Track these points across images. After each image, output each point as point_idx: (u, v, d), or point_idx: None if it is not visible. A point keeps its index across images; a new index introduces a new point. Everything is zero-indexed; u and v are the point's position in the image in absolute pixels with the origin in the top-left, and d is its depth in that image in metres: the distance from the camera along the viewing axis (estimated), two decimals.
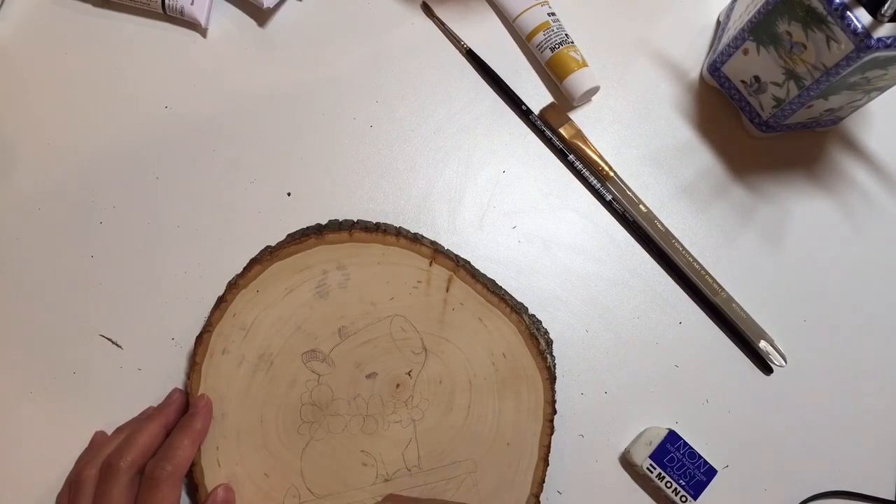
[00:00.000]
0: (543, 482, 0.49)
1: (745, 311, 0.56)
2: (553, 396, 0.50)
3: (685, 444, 0.51)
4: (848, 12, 0.46)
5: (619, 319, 0.55)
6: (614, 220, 0.57)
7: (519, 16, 0.59)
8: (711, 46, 0.61)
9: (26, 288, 0.52)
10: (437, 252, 0.51)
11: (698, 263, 0.56)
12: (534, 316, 0.53)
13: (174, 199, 0.54)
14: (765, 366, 0.55)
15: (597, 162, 0.58)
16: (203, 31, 0.58)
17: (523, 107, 0.58)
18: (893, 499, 0.54)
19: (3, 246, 0.53)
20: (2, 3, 0.57)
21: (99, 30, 0.57)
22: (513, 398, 0.50)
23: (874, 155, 0.61)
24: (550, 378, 0.50)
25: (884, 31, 0.45)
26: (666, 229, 0.57)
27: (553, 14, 0.59)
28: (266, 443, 0.48)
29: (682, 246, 0.57)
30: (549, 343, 0.53)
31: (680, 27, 0.62)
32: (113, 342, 0.51)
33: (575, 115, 0.59)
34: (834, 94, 0.53)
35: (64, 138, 0.55)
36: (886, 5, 0.44)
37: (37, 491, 0.49)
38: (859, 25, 0.46)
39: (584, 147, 0.58)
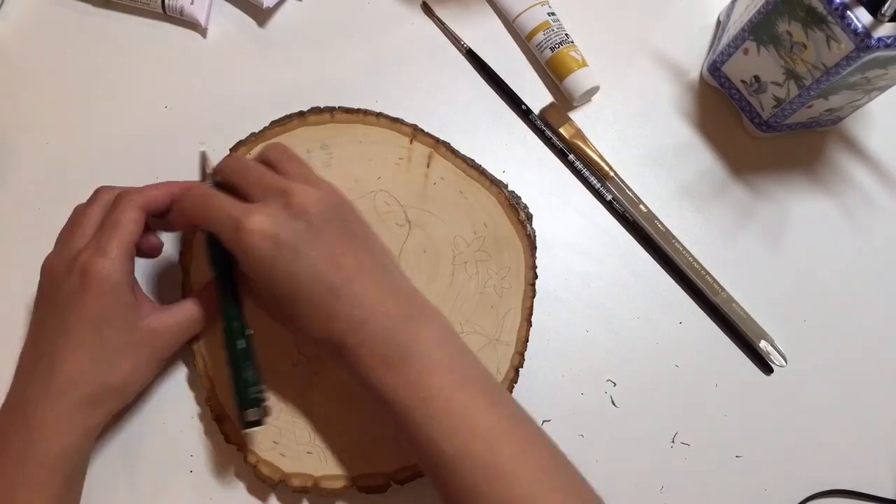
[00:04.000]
0: (527, 341, 0.51)
1: (745, 311, 0.56)
2: (534, 262, 0.53)
3: None
4: (848, 12, 0.46)
5: (619, 319, 0.55)
6: (614, 220, 0.57)
7: (519, 16, 0.59)
8: (711, 46, 0.61)
9: (26, 288, 0.52)
10: (417, 131, 0.54)
11: (698, 263, 0.56)
12: (513, 192, 0.54)
13: None
14: (765, 366, 0.55)
15: (597, 162, 0.58)
16: (203, 31, 0.58)
17: (523, 107, 0.58)
18: (894, 498, 0.54)
19: (3, 246, 0.53)
20: (2, 3, 0.57)
21: (99, 30, 0.57)
22: (495, 264, 0.52)
23: (874, 155, 0.61)
24: (531, 245, 0.53)
25: (884, 30, 0.45)
26: (666, 229, 0.57)
27: (553, 14, 0.59)
28: (258, 311, 0.48)
29: (683, 246, 0.57)
30: (529, 217, 0.54)
31: (680, 27, 0.62)
32: None
33: (575, 115, 0.59)
34: (834, 93, 0.53)
35: (64, 138, 0.55)
36: (886, 5, 0.44)
37: None
38: (859, 25, 0.46)
39: (584, 147, 0.58)
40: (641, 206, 0.57)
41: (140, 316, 0.44)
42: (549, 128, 0.58)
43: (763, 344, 0.55)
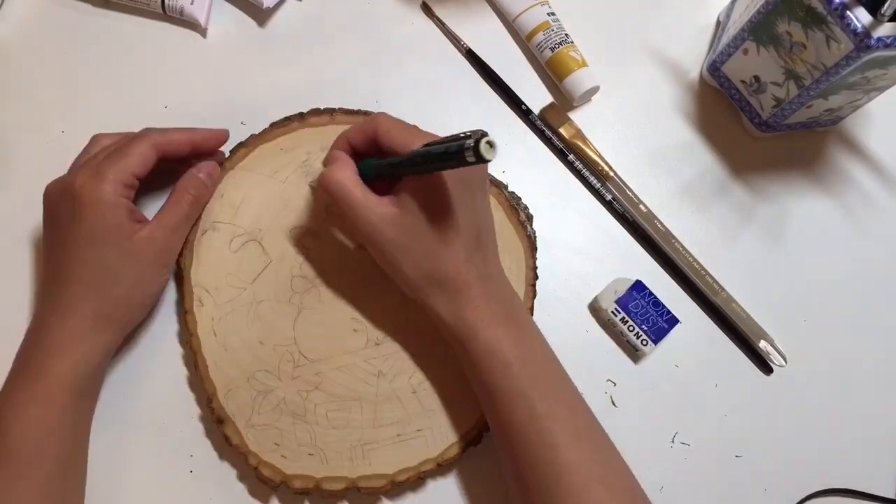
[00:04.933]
0: None
1: (745, 311, 0.56)
2: (535, 263, 0.53)
3: (650, 293, 0.53)
4: (848, 12, 0.46)
5: None
6: (614, 221, 0.57)
7: (519, 16, 0.59)
8: (711, 46, 0.61)
9: (26, 288, 0.52)
10: None
11: (698, 263, 0.56)
12: (513, 193, 0.54)
13: None
14: (765, 365, 0.55)
15: (597, 162, 0.58)
16: (203, 31, 0.58)
17: (523, 106, 0.58)
18: (894, 497, 0.54)
19: (3, 246, 0.52)
20: (2, 3, 0.57)
21: (99, 30, 0.57)
22: None
23: (874, 155, 0.61)
24: (531, 246, 0.53)
25: (883, 30, 0.46)
26: (666, 229, 0.57)
27: (553, 14, 0.59)
28: (259, 314, 0.50)
29: (682, 246, 0.57)
30: (530, 217, 0.54)
31: (680, 27, 0.62)
32: None
33: (575, 115, 0.59)
34: (834, 93, 0.53)
35: (64, 138, 0.55)
36: (886, 5, 0.45)
37: None
38: (859, 25, 0.46)
39: (584, 147, 0.58)
40: (641, 206, 0.57)
41: (134, 230, 0.46)
42: (549, 128, 0.58)
43: (763, 344, 0.55)
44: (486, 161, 0.38)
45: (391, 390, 0.49)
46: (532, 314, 0.52)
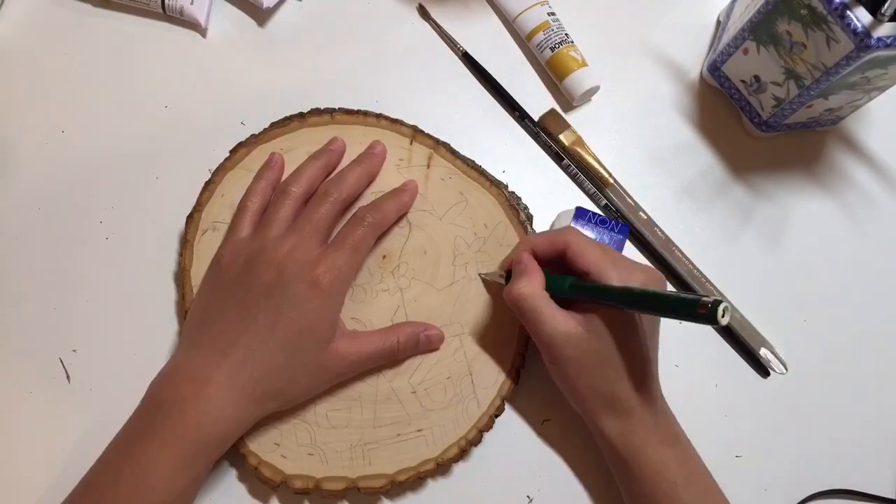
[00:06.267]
0: (528, 342, 0.51)
1: (745, 319, 0.56)
2: None
3: (593, 213, 0.52)
4: (848, 12, 0.46)
5: None
6: None
7: (519, 15, 0.59)
8: (711, 46, 0.61)
9: (26, 287, 0.52)
10: (418, 132, 0.54)
11: (698, 270, 0.56)
12: (514, 192, 0.54)
13: (174, 199, 0.54)
14: (764, 369, 0.55)
15: (596, 169, 0.57)
16: (203, 31, 0.58)
17: (518, 112, 0.58)
18: (894, 497, 0.54)
19: (3, 246, 0.53)
20: (2, 3, 0.57)
21: (99, 30, 0.57)
22: (494, 266, 0.52)
23: (874, 155, 0.61)
24: None
25: (884, 30, 0.46)
26: (666, 236, 0.57)
27: (553, 14, 0.59)
28: None
29: (683, 253, 0.56)
30: (530, 217, 0.54)
31: (680, 27, 0.62)
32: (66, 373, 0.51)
33: (575, 115, 0.59)
34: (834, 93, 0.53)
35: (64, 138, 0.55)
36: (886, 5, 0.45)
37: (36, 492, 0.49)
38: (859, 25, 0.46)
39: (583, 154, 0.58)
40: (641, 213, 0.57)
41: (335, 337, 0.46)
42: (548, 135, 0.58)
43: (763, 351, 0.55)
44: (717, 325, 0.38)
45: (391, 390, 0.49)
46: None
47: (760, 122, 0.58)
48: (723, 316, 0.37)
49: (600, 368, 0.46)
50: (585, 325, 0.45)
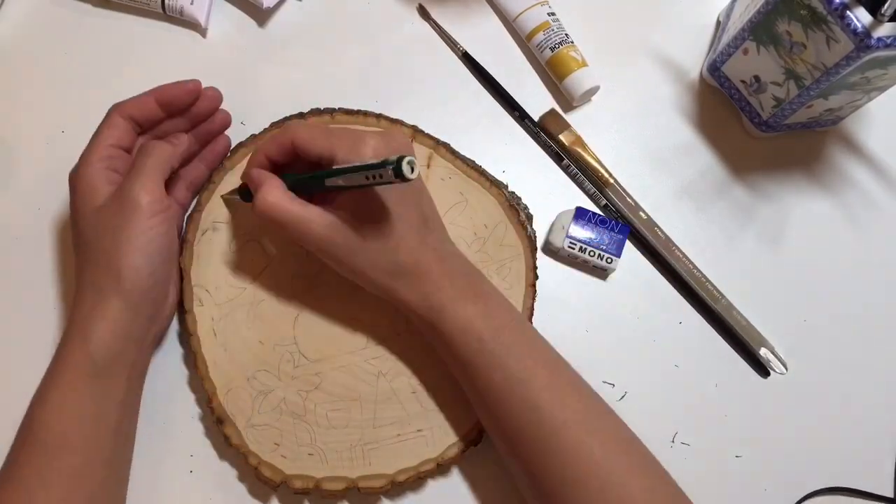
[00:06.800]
0: None
1: (745, 319, 0.56)
2: (535, 263, 0.53)
3: (592, 213, 0.53)
4: (848, 12, 0.46)
5: (619, 320, 0.55)
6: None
7: (519, 16, 0.59)
8: (711, 46, 0.61)
9: (26, 287, 0.52)
10: (418, 132, 0.54)
11: (699, 270, 0.56)
12: (514, 193, 0.54)
13: None
14: (764, 370, 0.55)
15: (596, 169, 0.57)
16: (203, 31, 0.58)
17: (518, 112, 0.58)
18: (894, 496, 0.54)
19: (3, 246, 0.53)
20: (2, 3, 0.57)
21: (99, 30, 0.57)
22: (495, 265, 0.52)
23: (874, 155, 0.61)
24: (531, 247, 0.53)
25: (884, 30, 0.45)
26: (666, 236, 0.57)
27: (553, 14, 0.59)
28: (259, 314, 0.50)
29: (683, 253, 0.56)
30: (530, 217, 0.55)
31: (680, 27, 0.62)
32: None
33: (575, 115, 0.59)
34: (834, 93, 0.53)
35: (64, 138, 0.55)
36: (886, 5, 0.44)
37: None
38: (859, 25, 0.46)
39: (583, 154, 0.58)
40: (641, 213, 0.57)
41: (105, 193, 0.46)
42: (548, 135, 0.58)
43: (763, 351, 0.55)
44: (405, 179, 0.38)
45: (391, 390, 0.49)
46: (532, 314, 0.52)
47: (760, 122, 0.58)
48: (412, 171, 0.38)
49: (371, 241, 0.45)
50: (335, 211, 0.44)
